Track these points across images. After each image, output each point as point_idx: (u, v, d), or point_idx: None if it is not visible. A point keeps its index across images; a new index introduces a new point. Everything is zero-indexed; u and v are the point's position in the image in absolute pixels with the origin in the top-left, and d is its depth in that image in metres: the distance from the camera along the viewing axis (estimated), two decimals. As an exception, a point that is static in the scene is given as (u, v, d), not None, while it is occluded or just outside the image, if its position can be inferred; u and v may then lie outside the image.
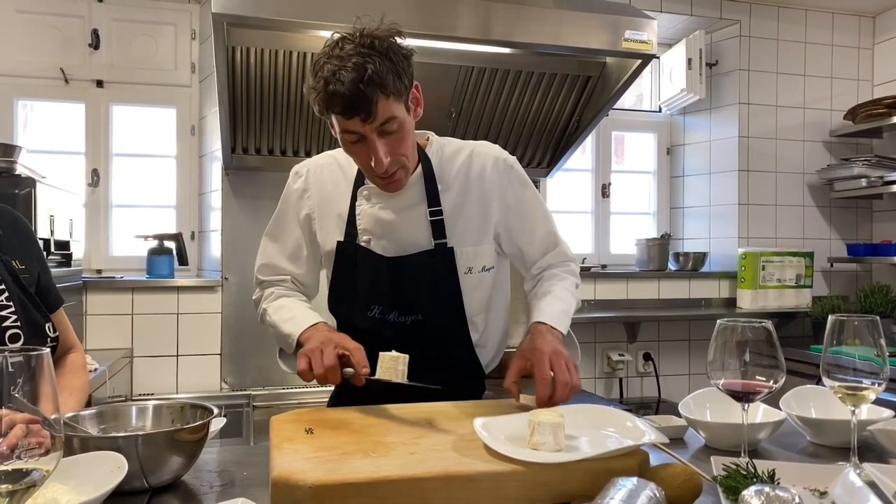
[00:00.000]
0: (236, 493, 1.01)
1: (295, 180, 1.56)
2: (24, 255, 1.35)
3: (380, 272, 1.45)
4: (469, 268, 1.49)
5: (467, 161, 1.50)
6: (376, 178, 1.39)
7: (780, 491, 0.82)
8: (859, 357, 1.09)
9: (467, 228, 1.49)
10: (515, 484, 0.94)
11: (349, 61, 1.25)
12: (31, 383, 0.69)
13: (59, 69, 2.90)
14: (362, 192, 1.47)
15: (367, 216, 1.46)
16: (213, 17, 2.05)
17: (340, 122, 1.30)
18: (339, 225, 1.49)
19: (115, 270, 2.99)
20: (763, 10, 3.58)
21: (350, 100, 1.25)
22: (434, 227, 1.45)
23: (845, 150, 3.72)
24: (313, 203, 1.52)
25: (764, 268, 3.44)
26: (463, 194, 1.49)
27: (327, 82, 1.25)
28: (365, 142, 1.31)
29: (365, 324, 1.48)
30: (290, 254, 1.57)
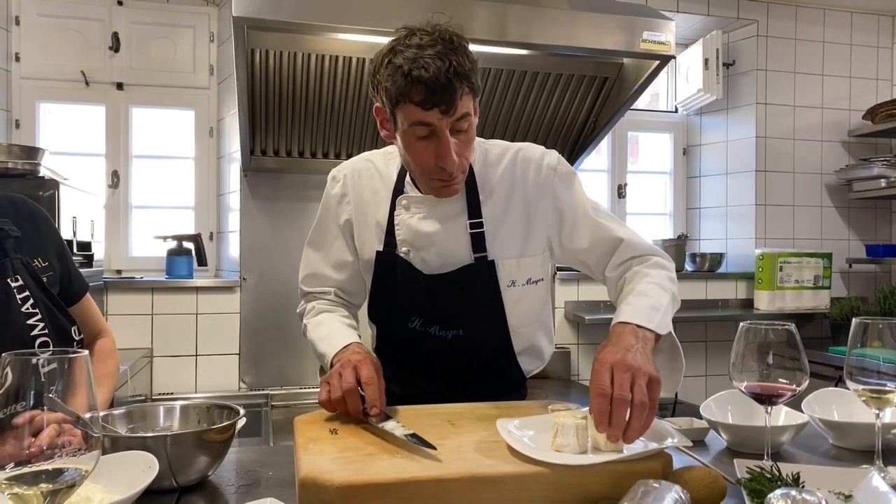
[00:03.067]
0: (262, 493, 1.02)
1: (333, 185, 1.50)
2: (45, 250, 1.32)
3: (419, 287, 1.39)
4: (512, 281, 1.41)
5: (511, 167, 1.42)
6: (434, 180, 1.31)
7: (806, 494, 0.83)
8: (884, 360, 1.09)
9: (510, 240, 1.41)
10: (539, 486, 0.94)
11: (431, 50, 1.19)
12: (68, 385, 0.71)
13: (79, 72, 2.94)
14: (401, 201, 1.41)
15: (406, 227, 1.40)
16: (234, 20, 2.06)
17: (414, 112, 1.22)
18: (378, 234, 1.43)
19: (135, 271, 3.02)
20: (781, 10, 3.56)
21: (434, 88, 1.18)
22: (474, 239, 1.38)
23: (864, 150, 3.69)
24: (352, 208, 1.47)
25: (781, 269, 3.42)
26: (506, 203, 1.41)
27: (409, 68, 1.18)
28: (435, 138, 1.24)
29: (405, 335, 1.44)
30: (334, 262, 1.52)
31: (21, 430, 0.68)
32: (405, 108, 1.22)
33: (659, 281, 1.33)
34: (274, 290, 2.95)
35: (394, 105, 1.24)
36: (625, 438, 0.99)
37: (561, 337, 3.27)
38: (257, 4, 2.08)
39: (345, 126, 2.76)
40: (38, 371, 0.69)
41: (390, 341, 1.42)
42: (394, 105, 1.24)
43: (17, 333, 1.18)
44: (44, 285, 1.26)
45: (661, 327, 1.20)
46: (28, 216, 1.33)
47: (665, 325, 1.22)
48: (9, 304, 1.19)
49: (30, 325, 1.20)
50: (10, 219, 1.26)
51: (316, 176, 2.98)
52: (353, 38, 2.33)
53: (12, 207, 1.31)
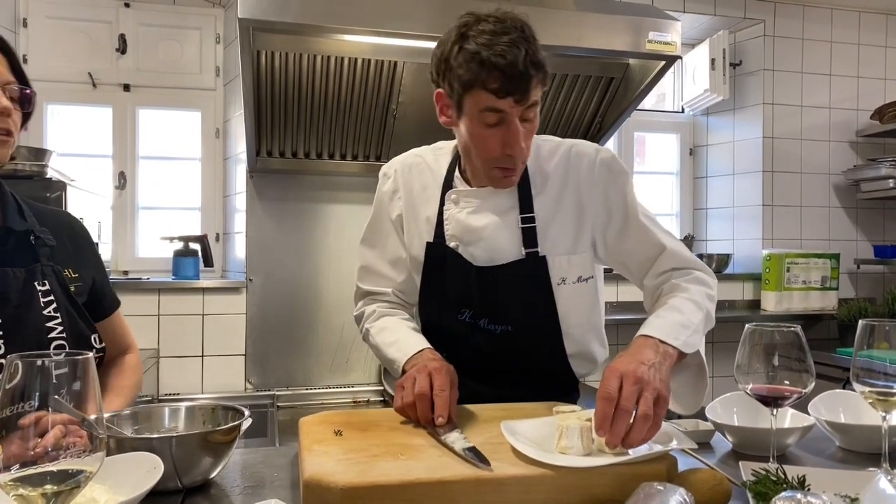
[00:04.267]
0: (267, 494, 1.02)
1: (384, 182, 1.51)
2: (79, 263, 1.36)
3: (469, 279, 1.38)
4: (563, 278, 1.39)
5: (564, 162, 1.40)
6: (496, 169, 1.30)
7: (812, 497, 0.82)
8: (890, 361, 1.08)
9: (561, 236, 1.38)
10: (544, 488, 0.94)
11: (506, 37, 1.19)
12: (74, 387, 0.71)
13: (87, 74, 2.95)
14: (450, 195, 1.41)
15: (455, 221, 1.39)
16: (240, 22, 2.07)
17: (487, 99, 1.21)
18: (427, 228, 1.43)
19: (142, 272, 3.03)
20: (788, 10, 3.55)
21: (510, 76, 1.18)
22: (525, 234, 1.37)
23: (872, 150, 3.67)
24: (403, 204, 1.47)
25: (789, 269, 3.40)
26: (558, 199, 1.39)
27: (486, 55, 1.18)
28: (504, 125, 1.24)
29: (454, 327, 1.44)
30: (391, 259, 1.52)
31: (27, 432, 0.68)
32: (477, 94, 1.22)
33: (696, 297, 1.31)
34: (280, 290, 2.95)
35: (464, 91, 1.23)
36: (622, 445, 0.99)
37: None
38: (263, 6, 2.08)
39: (351, 127, 2.77)
40: (44, 372, 0.70)
41: (438, 338, 1.41)
42: (464, 91, 1.23)
43: (34, 333, 1.21)
44: (70, 293, 1.30)
45: (686, 346, 1.17)
46: (68, 230, 1.39)
47: (692, 345, 1.19)
48: (31, 305, 1.23)
49: (48, 327, 1.23)
50: (49, 229, 1.32)
51: (322, 177, 2.99)
52: (358, 40, 2.34)
53: (55, 220, 1.37)
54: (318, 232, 3.00)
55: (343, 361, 3.02)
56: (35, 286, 1.24)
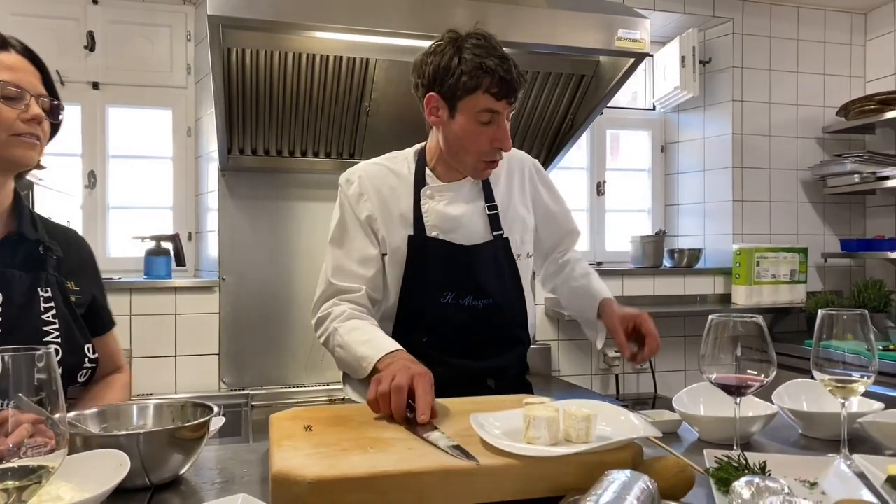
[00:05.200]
0: (236, 490, 1.02)
1: (348, 186, 1.63)
2: (81, 278, 1.44)
3: (457, 260, 1.58)
4: (519, 254, 1.66)
5: (506, 162, 1.68)
6: (483, 161, 1.54)
7: (769, 482, 0.84)
8: (848, 351, 1.11)
9: (515, 219, 1.67)
10: (511, 477, 0.95)
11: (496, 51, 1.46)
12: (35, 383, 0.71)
13: (55, 71, 2.88)
14: (425, 191, 1.60)
15: (434, 213, 1.59)
16: (209, 18, 2.06)
17: (486, 101, 1.45)
18: (404, 223, 1.59)
19: (113, 272, 2.99)
20: (755, 8, 3.60)
21: (509, 82, 1.44)
22: (491, 220, 1.63)
23: (838, 146, 3.74)
24: (373, 205, 1.60)
25: (758, 264, 3.46)
26: (508, 189, 1.68)
27: (491, 65, 1.43)
28: (495, 123, 1.48)
29: (436, 311, 1.58)
30: (360, 257, 1.60)
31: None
32: (477, 97, 1.46)
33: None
34: (253, 289, 2.94)
35: (463, 94, 1.46)
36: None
37: (541, 334, 3.29)
38: (233, 3, 2.07)
39: (323, 124, 2.76)
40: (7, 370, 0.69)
41: (419, 320, 1.57)
42: (463, 94, 1.46)
43: (30, 335, 1.28)
44: (70, 303, 1.37)
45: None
46: (76, 247, 1.48)
47: None
48: (31, 308, 1.30)
49: (45, 331, 1.30)
50: (58, 243, 1.40)
51: (295, 175, 2.98)
52: (330, 37, 2.34)
53: (64, 236, 1.47)
54: (291, 230, 2.98)
55: (318, 360, 3.01)
56: (38, 291, 1.32)
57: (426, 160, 1.65)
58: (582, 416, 1.02)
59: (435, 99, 1.51)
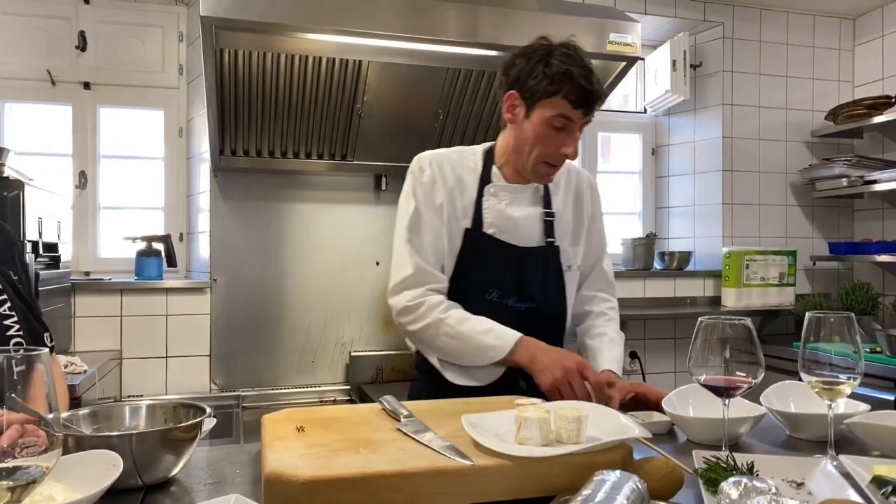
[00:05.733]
0: (229, 491, 1.03)
1: (421, 174, 1.64)
2: (15, 265, 1.39)
3: (508, 260, 1.61)
4: (568, 265, 1.69)
5: (567, 174, 1.73)
6: (545, 164, 1.57)
7: (757, 482, 0.85)
8: (835, 353, 1.12)
9: (567, 230, 1.70)
10: (503, 478, 0.96)
11: (583, 62, 1.49)
12: (28, 384, 0.71)
13: (45, 71, 2.90)
14: (489, 189, 1.63)
15: (495, 211, 1.62)
16: (202, 20, 2.06)
17: (563, 107, 1.49)
18: (464, 216, 1.62)
19: (104, 272, 2.99)
20: (746, 13, 3.63)
21: (588, 92, 1.48)
22: (546, 226, 1.66)
23: (827, 150, 3.78)
24: (441, 193, 1.62)
25: (748, 266, 3.49)
26: (565, 200, 1.71)
27: (575, 73, 1.47)
28: (566, 131, 1.52)
29: (479, 308, 1.58)
30: (433, 243, 1.62)
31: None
32: (555, 101, 1.49)
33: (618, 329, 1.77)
34: (245, 290, 2.94)
35: (542, 96, 1.50)
36: None
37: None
38: (226, 4, 2.08)
39: (315, 126, 2.76)
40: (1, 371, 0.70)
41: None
42: (542, 96, 1.50)
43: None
44: (20, 292, 1.33)
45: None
46: (3, 235, 1.41)
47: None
48: None
49: (6, 325, 1.26)
50: None
51: (287, 176, 2.98)
52: (323, 38, 2.34)
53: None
54: (283, 231, 2.99)
55: (309, 361, 3.01)
56: None
57: (494, 159, 1.68)
58: (573, 418, 1.03)
59: (514, 97, 1.56)
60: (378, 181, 3.06)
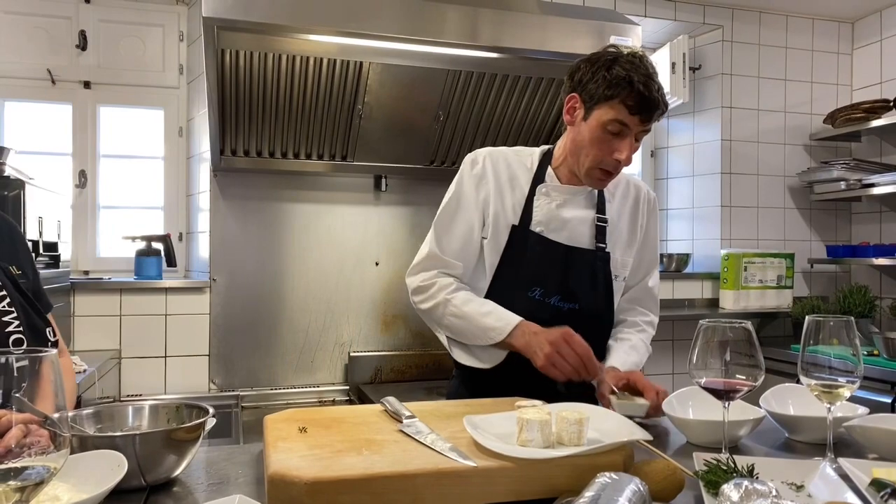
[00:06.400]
0: (231, 491, 1.03)
1: (473, 167, 1.67)
2: (19, 260, 1.38)
3: (553, 258, 1.61)
4: (616, 274, 1.68)
5: (625, 186, 1.73)
6: (598, 170, 1.55)
7: (757, 484, 0.86)
8: (834, 356, 1.13)
9: (620, 238, 1.69)
10: (505, 479, 0.97)
11: (646, 70, 1.48)
12: (35, 384, 0.71)
13: (45, 70, 2.90)
14: (541, 188, 1.64)
15: (544, 210, 1.62)
16: (204, 20, 2.06)
17: (620, 112, 1.48)
18: (514, 213, 1.63)
19: (103, 272, 2.99)
20: (745, 16, 3.64)
21: (646, 99, 1.47)
22: (598, 231, 1.65)
23: (825, 153, 3.79)
24: (490, 188, 1.64)
25: (746, 269, 3.50)
26: (621, 208, 1.70)
27: (635, 79, 1.46)
28: (622, 137, 1.51)
29: (522, 304, 1.59)
30: (466, 235, 1.64)
31: (-12, 430, 0.68)
32: (613, 105, 1.49)
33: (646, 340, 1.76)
34: (244, 290, 2.94)
35: (600, 100, 1.50)
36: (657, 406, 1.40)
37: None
38: (228, 5, 2.08)
39: (316, 126, 2.77)
40: (6, 370, 0.70)
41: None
42: (600, 100, 1.50)
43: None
44: (20, 288, 1.32)
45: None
46: (7, 229, 1.41)
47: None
48: None
49: (5, 321, 1.25)
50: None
51: (287, 176, 2.99)
52: (324, 40, 2.34)
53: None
54: (282, 231, 2.99)
55: (308, 361, 3.02)
56: None
57: (551, 160, 1.68)
58: (574, 420, 1.03)
59: (575, 99, 1.56)
60: (378, 182, 3.06)
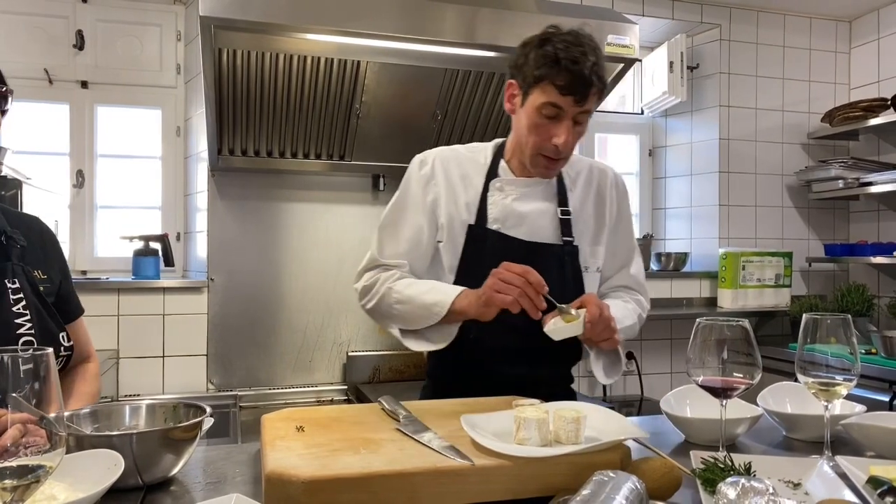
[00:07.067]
0: (228, 490, 1.03)
1: (421, 167, 1.60)
2: (47, 266, 1.41)
3: (515, 256, 1.47)
4: (586, 266, 1.60)
5: (588, 170, 1.66)
6: (541, 157, 1.48)
7: (754, 482, 0.86)
8: (832, 354, 1.13)
9: (587, 229, 1.61)
10: (502, 478, 0.96)
11: (583, 46, 1.39)
12: (34, 383, 0.71)
13: (43, 70, 2.90)
14: (495, 183, 1.56)
15: (501, 206, 1.55)
16: (201, 19, 2.06)
17: (552, 94, 1.40)
18: (468, 212, 1.56)
19: (101, 272, 2.99)
20: (743, 15, 3.65)
21: (577, 78, 1.38)
22: (563, 224, 1.57)
23: (823, 152, 3.80)
24: (440, 190, 1.58)
25: (744, 268, 3.50)
26: (584, 197, 1.62)
27: (561, 56, 1.37)
28: (558, 120, 1.43)
29: None
30: (412, 239, 1.58)
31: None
32: (545, 87, 1.41)
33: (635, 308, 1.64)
34: (242, 290, 2.94)
35: (533, 83, 1.42)
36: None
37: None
38: (225, 4, 2.08)
39: (314, 126, 2.77)
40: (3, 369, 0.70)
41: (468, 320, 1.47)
42: (533, 83, 1.42)
43: (3, 329, 1.25)
44: (39, 292, 1.35)
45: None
46: (38, 234, 1.45)
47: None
48: (1, 302, 1.27)
49: (17, 323, 1.27)
50: (21, 231, 1.38)
51: (284, 176, 2.99)
52: (321, 39, 2.34)
53: (26, 224, 1.44)
54: (280, 231, 2.99)
55: (307, 361, 3.01)
56: (5, 283, 1.29)
57: (503, 153, 1.61)
58: (571, 418, 1.03)
59: (513, 86, 1.50)
60: (376, 181, 3.06)
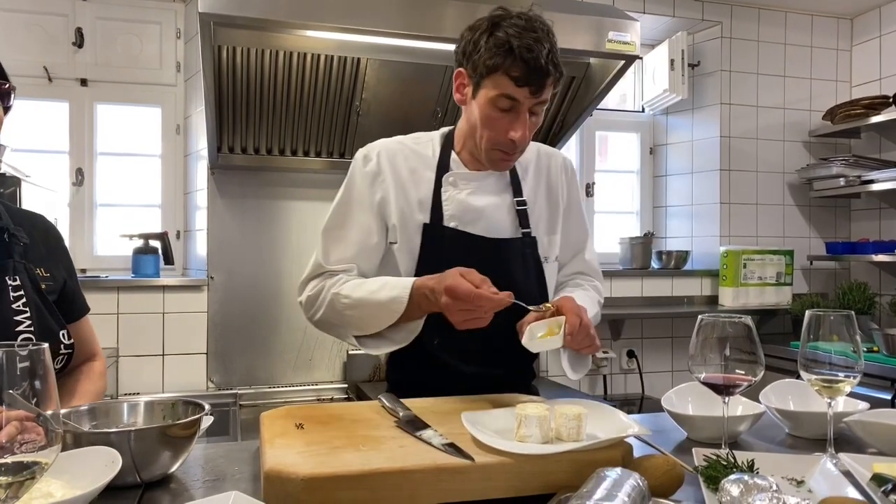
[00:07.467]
0: (227, 488, 1.02)
1: (365, 163, 1.48)
2: (51, 264, 1.40)
3: (477, 253, 1.42)
4: (545, 257, 1.54)
5: (537, 156, 1.58)
6: (497, 150, 1.40)
7: (758, 479, 0.85)
8: (835, 351, 1.12)
9: (542, 218, 1.55)
10: (503, 475, 0.96)
11: (533, 33, 1.30)
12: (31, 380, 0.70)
13: (42, 67, 2.89)
14: (448, 178, 1.47)
15: (455, 202, 1.46)
16: (200, 16, 2.05)
17: (506, 85, 1.32)
18: (421, 210, 1.46)
19: (100, 270, 2.98)
20: (744, 12, 3.64)
21: (533, 68, 1.29)
22: (520, 216, 1.50)
23: (824, 149, 3.78)
24: (388, 187, 1.46)
25: (745, 266, 3.49)
26: (536, 186, 1.55)
27: (515, 44, 1.29)
28: (514, 112, 1.35)
29: None
30: (358, 241, 1.47)
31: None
32: (498, 78, 1.32)
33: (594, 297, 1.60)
34: (242, 288, 2.93)
35: (485, 74, 1.33)
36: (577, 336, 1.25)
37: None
38: (224, 1, 2.07)
39: (314, 123, 2.76)
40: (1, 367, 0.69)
41: (429, 324, 1.38)
42: (485, 74, 1.33)
43: (1, 326, 1.24)
44: (40, 290, 1.34)
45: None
46: (42, 232, 1.44)
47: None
48: (1, 298, 1.26)
49: (16, 320, 1.27)
50: (23, 229, 1.37)
51: (284, 173, 2.98)
52: (320, 36, 2.34)
53: (30, 221, 1.43)
54: (280, 229, 2.98)
55: (307, 359, 3.01)
56: (6, 280, 1.28)
57: (453, 144, 1.51)
58: (573, 415, 1.03)
59: (462, 75, 1.40)
60: (376, 179, 3.06)
